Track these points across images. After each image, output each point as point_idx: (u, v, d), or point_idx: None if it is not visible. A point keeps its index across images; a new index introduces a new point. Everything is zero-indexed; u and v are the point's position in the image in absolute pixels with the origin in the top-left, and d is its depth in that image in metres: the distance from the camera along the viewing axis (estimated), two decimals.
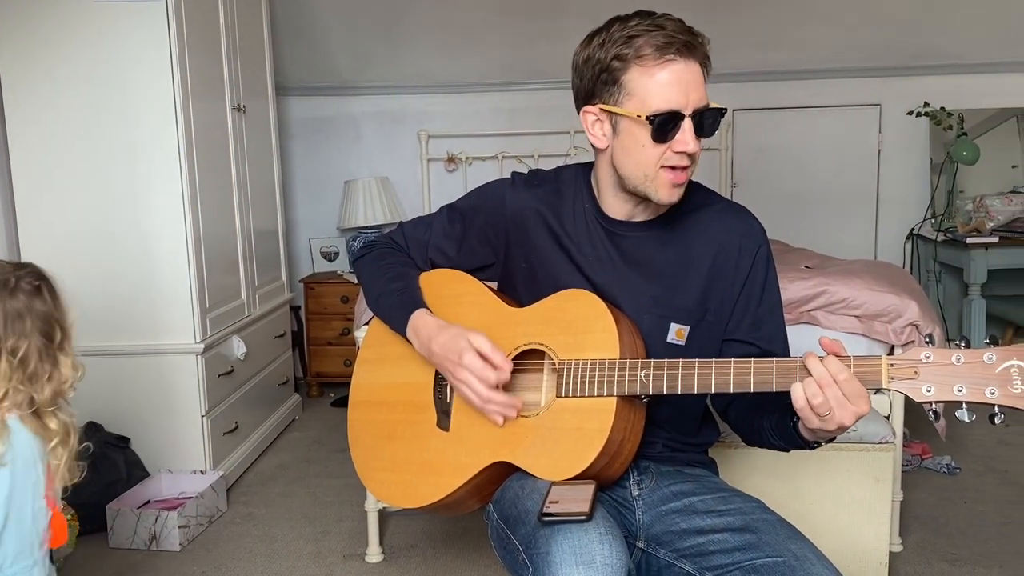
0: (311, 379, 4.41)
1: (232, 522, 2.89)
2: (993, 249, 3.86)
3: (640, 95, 1.33)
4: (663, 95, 1.32)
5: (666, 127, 1.32)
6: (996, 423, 1.13)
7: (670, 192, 1.38)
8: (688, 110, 1.32)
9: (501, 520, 1.38)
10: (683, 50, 1.31)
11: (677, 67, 1.32)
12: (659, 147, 1.34)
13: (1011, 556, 2.50)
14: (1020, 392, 1.12)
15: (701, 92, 1.34)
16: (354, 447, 1.61)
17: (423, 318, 1.49)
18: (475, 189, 1.65)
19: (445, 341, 1.43)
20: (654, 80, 1.32)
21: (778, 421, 1.37)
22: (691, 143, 1.33)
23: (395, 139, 4.60)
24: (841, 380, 1.18)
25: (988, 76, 4.39)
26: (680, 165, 1.36)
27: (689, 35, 1.32)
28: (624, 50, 1.32)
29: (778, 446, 1.42)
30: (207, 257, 3.05)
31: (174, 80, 2.86)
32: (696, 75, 1.33)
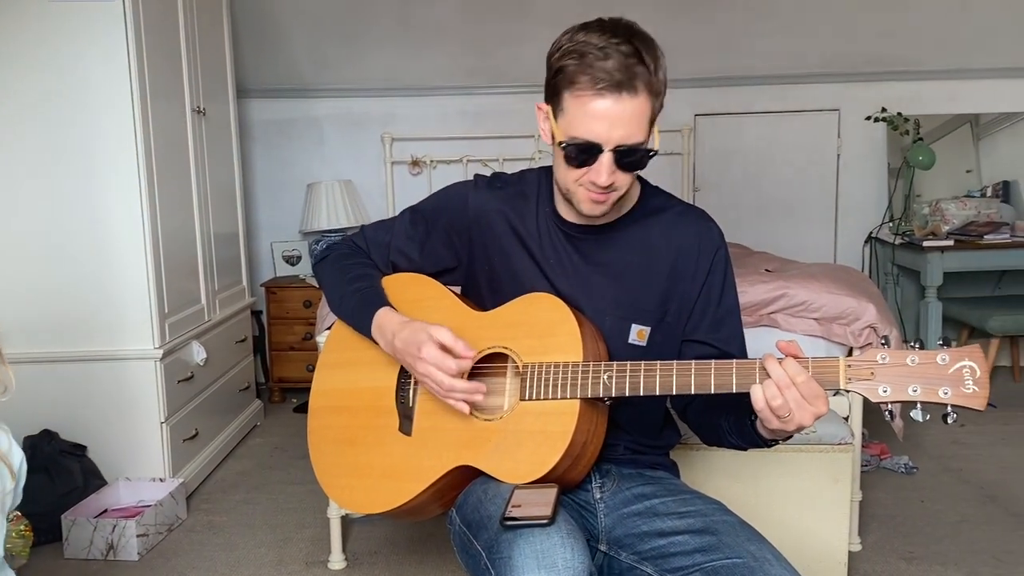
0: (273, 384, 4.36)
1: (192, 530, 2.84)
2: (949, 252, 3.94)
3: (568, 117, 1.34)
4: (584, 126, 1.32)
5: (582, 155, 1.34)
6: (949, 422, 1.15)
7: (591, 207, 1.40)
8: (609, 145, 1.32)
9: (464, 525, 1.37)
10: (615, 88, 1.28)
11: (605, 103, 1.29)
12: (575, 170, 1.36)
13: (966, 553, 2.55)
14: (972, 392, 1.15)
15: (631, 130, 1.31)
16: (314, 453, 1.59)
17: (387, 315, 1.48)
18: (438, 192, 1.64)
19: (407, 336, 1.42)
20: (582, 109, 1.31)
21: (736, 420, 1.39)
22: (603, 176, 1.33)
23: (358, 142, 4.58)
24: (800, 382, 1.20)
25: (943, 83, 4.49)
26: (595, 192, 1.37)
27: (629, 72, 1.28)
28: (568, 65, 1.31)
29: (736, 445, 1.44)
30: (166, 261, 3.00)
31: (131, 81, 2.81)
32: (628, 112, 1.30)
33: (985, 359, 1.17)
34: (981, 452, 3.38)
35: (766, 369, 1.22)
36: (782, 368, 1.21)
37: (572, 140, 1.33)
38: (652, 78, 1.31)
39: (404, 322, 1.45)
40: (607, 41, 1.29)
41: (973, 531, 2.70)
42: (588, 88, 1.29)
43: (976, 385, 1.15)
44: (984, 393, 1.15)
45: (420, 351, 1.38)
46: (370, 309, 1.50)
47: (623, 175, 1.36)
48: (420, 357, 1.38)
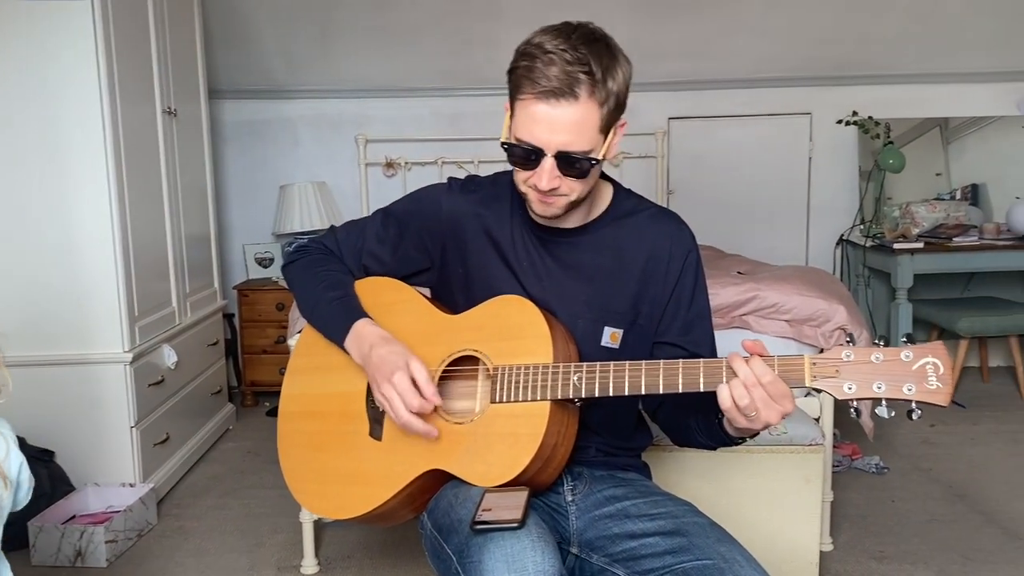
0: (246, 388, 4.32)
1: (163, 536, 2.81)
2: (919, 255, 3.99)
3: (515, 120, 1.36)
4: (525, 129, 1.33)
5: (523, 158, 1.36)
6: (914, 418, 1.16)
7: (540, 208, 1.41)
8: (550, 150, 1.33)
9: (434, 529, 1.37)
10: (553, 95, 1.29)
11: (544, 108, 1.31)
12: (521, 172, 1.38)
13: (936, 552, 2.58)
14: (935, 388, 1.16)
15: (570, 136, 1.32)
16: (284, 459, 1.58)
17: (367, 327, 1.47)
18: (411, 194, 1.63)
19: (385, 354, 1.41)
20: (524, 112, 1.33)
21: (704, 420, 1.40)
22: (543, 181, 1.34)
23: (332, 143, 4.56)
24: (766, 382, 1.21)
25: (913, 87, 4.55)
26: (540, 195, 1.38)
27: (567, 80, 1.28)
28: (518, 68, 1.33)
29: (705, 444, 1.45)
30: (136, 264, 2.97)
31: (101, 82, 2.78)
32: (570, 118, 1.30)
33: (948, 355, 1.18)
34: (950, 452, 3.42)
35: (732, 368, 1.23)
36: (748, 367, 1.21)
37: (516, 143, 1.35)
38: (598, 86, 1.30)
39: (386, 337, 1.44)
40: (556, 47, 1.30)
41: (942, 530, 2.73)
42: (529, 92, 1.31)
43: (939, 381, 1.16)
44: (947, 389, 1.16)
45: (392, 376, 1.37)
46: (348, 319, 1.49)
47: (569, 181, 1.37)
48: (390, 381, 1.38)
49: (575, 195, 1.39)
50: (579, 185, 1.38)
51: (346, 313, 1.50)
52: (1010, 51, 4.44)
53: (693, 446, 1.48)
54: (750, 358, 1.22)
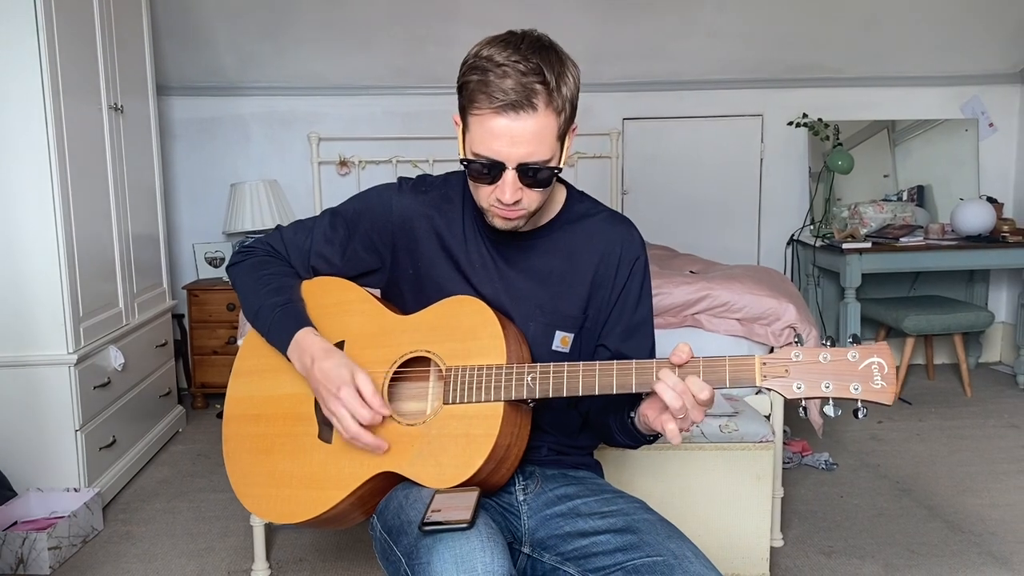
0: (196, 390, 4.25)
1: (109, 542, 2.75)
2: (867, 254, 4.06)
3: (473, 135, 1.34)
4: (484, 143, 1.32)
5: (486, 173, 1.34)
6: (859, 417, 1.19)
7: (503, 223, 1.41)
8: (511, 163, 1.32)
9: (384, 531, 1.35)
10: (511, 107, 1.29)
11: (503, 122, 1.30)
12: (482, 187, 1.37)
13: (882, 546, 2.63)
14: (880, 387, 1.18)
15: (533, 147, 1.31)
16: (230, 463, 1.54)
17: (308, 338, 1.45)
18: (359, 194, 1.61)
19: (328, 368, 1.39)
20: (482, 126, 1.32)
21: (620, 419, 1.42)
22: (507, 193, 1.34)
23: (284, 141, 4.50)
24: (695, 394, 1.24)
25: (862, 89, 4.64)
26: (503, 209, 1.37)
27: (527, 91, 1.28)
28: (470, 82, 1.32)
29: (625, 443, 1.47)
30: (80, 263, 2.90)
31: (43, 77, 2.71)
32: (529, 129, 1.30)
33: (892, 356, 1.20)
34: (897, 448, 3.49)
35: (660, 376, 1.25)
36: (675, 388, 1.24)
37: (475, 158, 1.34)
38: (554, 95, 1.30)
39: (327, 350, 1.42)
40: (507, 59, 1.29)
41: (889, 524, 2.78)
42: (486, 107, 1.30)
43: (884, 381, 1.18)
44: (892, 389, 1.19)
45: (339, 391, 1.35)
46: (289, 329, 1.46)
47: (531, 192, 1.37)
48: (337, 396, 1.36)
49: (535, 205, 1.39)
50: (539, 195, 1.38)
51: (287, 322, 1.47)
52: (955, 56, 4.55)
53: (617, 445, 1.50)
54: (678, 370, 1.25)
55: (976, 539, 2.67)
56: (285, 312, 1.49)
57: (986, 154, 4.68)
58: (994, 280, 4.79)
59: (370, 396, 1.35)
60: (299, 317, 1.48)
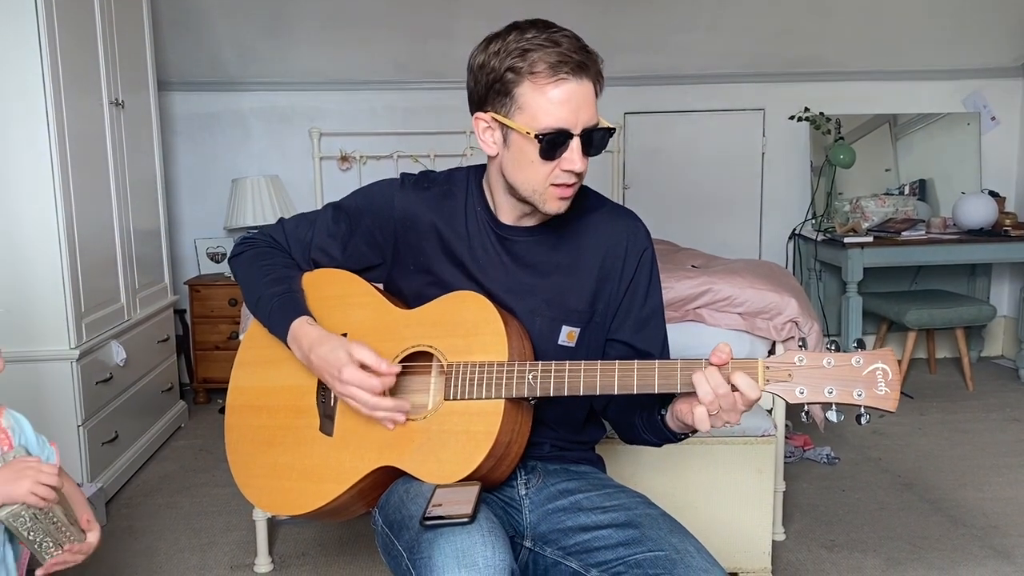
0: (198, 385, 4.25)
1: (111, 536, 2.75)
2: (868, 248, 4.06)
3: (531, 111, 1.32)
4: (553, 113, 1.31)
5: (554, 145, 1.32)
6: (862, 423, 1.18)
7: (558, 205, 1.39)
8: (577, 129, 1.32)
9: (386, 525, 1.35)
10: (576, 69, 1.30)
11: (569, 86, 1.31)
12: (547, 164, 1.34)
13: (884, 540, 2.63)
14: (884, 393, 1.18)
15: (591, 111, 1.34)
16: (232, 454, 1.55)
17: (304, 327, 1.44)
18: (362, 188, 1.61)
19: (324, 354, 1.38)
20: (545, 98, 1.31)
21: (648, 417, 1.41)
22: (578, 163, 1.34)
23: (285, 136, 4.49)
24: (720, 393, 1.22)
25: (864, 83, 4.63)
26: (567, 183, 1.36)
27: (583, 54, 1.31)
28: (518, 63, 1.31)
29: (650, 441, 1.46)
30: (82, 259, 2.90)
31: (44, 72, 2.70)
32: (587, 94, 1.33)
33: (896, 362, 1.19)
34: (899, 442, 3.49)
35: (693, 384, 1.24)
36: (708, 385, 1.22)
37: (544, 132, 1.31)
38: (597, 60, 1.35)
39: (322, 337, 1.41)
40: (547, 33, 1.31)
41: (891, 518, 2.78)
42: (549, 76, 1.30)
43: (888, 387, 1.18)
44: (895, 395, 1.18)
45: (341, 373, 1.35)
46: (286, 318, 1.46)
47: (585, 162, 1.36)
48: (341, 379, 1.35)
49: (583, 178, 1.39)
50: (587, 165, 1.37)
51: (285, 311, 1.47)
52: (957, 49, 4.54)
53: (639, 443, 1.50)
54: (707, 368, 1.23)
55: (978, 533, 2.67)
56: (283, 301, 1.49)
57: (988, 148, 4.66)
58: (996, 274, 4.79)
59: (373, 363, 1.34)
60: (296, 306, 1.48)
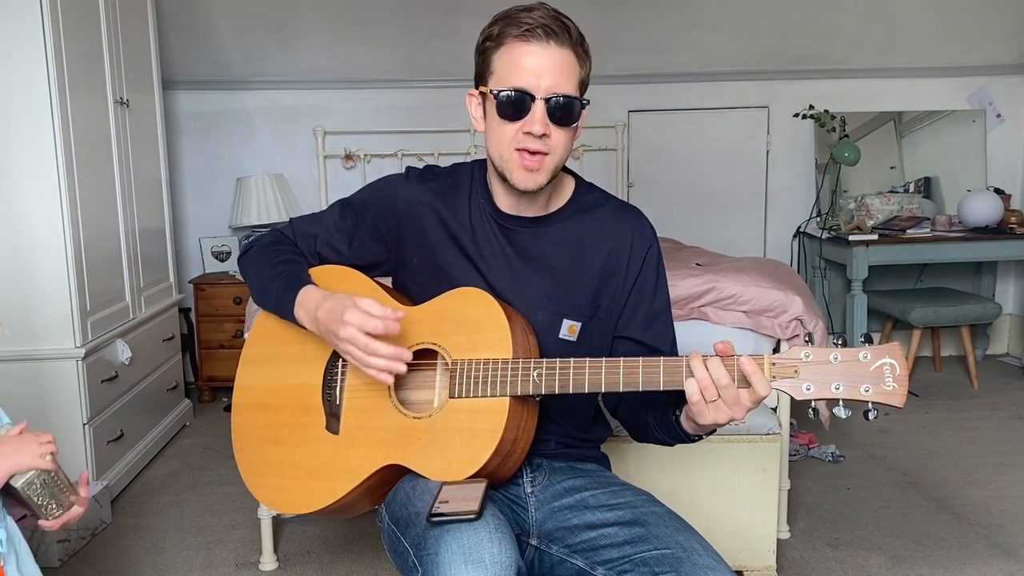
0: (203, 383, 4.26)
1: (117, 534, 2.76)
2: (873, 246, 4.05)
3: (500, 74, 1.37)
4: (515, 73, 1.35)
5: (514, 105, 1.35)
6: (870, 419, 1.17)
7: (524, 177, 1.38)
8: (540, 93, 1.34)
9: (392, 522, 1.36)
10: (542, 33, 1.33)
11: (534, 49, 1.34)
12: (510, 125, 1.36)
13: (889, 538, 2.63)
14: (891, 389, 1.17)
15: (561, 79, 1.34)
16: (239, 452, 1.55)
17: (310, 291, 1.44)
18: (369, 184, 1.62)
19: (331, 306, 1.36)
20: (510, 59, 1.35)
21: (662, 416, 1.40)
22: (537, 124, 1.34)
23: (290, 135, 4.50)
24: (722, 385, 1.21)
25: (868, 81, 4.62)
26: (531, 148, 1.36)
27: (556, 23, 1.34)
28: (495, 30, 1.36)
29: (663, 440, 1.45)
30: (88, 258, 2.90)
31: (49, 71, 2.70)
32: (557, 61, 1.34)
33: (904, 357, 1.18)
34: (904, 440, 3.48)
35: (691, 368, 1.23)
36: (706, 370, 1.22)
37: (502, 89, 1.35)
38: (579, 41, 1.36)
39: (327, 294, 1.41)
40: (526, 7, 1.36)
41: (896, 516, 2.78)
42: (517, 39, 1.34)
43: (896, 382, 1.16)
44: (903, 390, 1.17)
45: (344, 315, 1.32)
46: (293, 289, 1.46)
47: (558, 132, 1.36)
48: (343, 321, 1.31)
49: (558, 153, 1.39)
50: (563, 139, 1.38)
51: (291, 284, 1.47)
52: (962, 46, 4.53)
53: (651, 442, 1.49)
54: (709, 358, 1.22)
55: (983, 531, 2.66)
56: (286, 277, 1.49)
57: (993, 145, 4.65)
58: (1001, 272, 4.78)
59: (378, 310, 1.31)
60: (301, 277, 1.48)
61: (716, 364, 1.22)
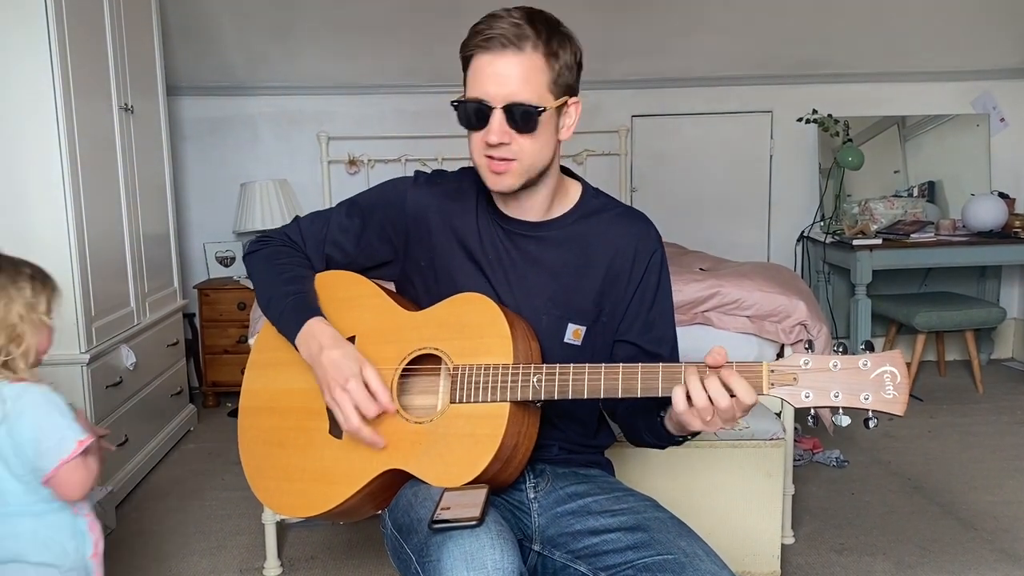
0: (207, 389, 4.27)
1: (122, 540, 2.76)
2: (877, 251, 4.04)
3: (468, 84, 1.39)
4: (476, 84, 1.37)
5: (474, 115, 1.37)
6: (870, 427, 1.16)
7: (493, 179, 1.41)
8: (498, 102, 1.35)
9: (395, 529, 1.36)
10: (496, 43, 1.33)
11: (490, 58, 1.35)
12: (476, 135, 1.39)
13: (894, 543, 2.62)
14: (892, 397, 1.15)
15: (516, 87, 1.34)
16: (244, 455, 1.56)
17: (320, 325, 1.45)
18: (377, 185, 1.62)
19: (337, 358, 1.39)
20: (473, 70, 1.38)
21: (649, 418, 1.41)
22: (494, 135, 1.35)
23: (294, 141, 4.51)
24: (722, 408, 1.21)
25: (871, 85, 4.62)
26: (495, 156, 1.38)
27: (512, 31, 1.33)
28: (465, 43, 1.38)
29: (653, 443, 1.46)
30: (92, 263, 2.91)
31: (54, 77, 2.71)
32: (514, 68, 1.34)
33: (905, 364, 1.17)
34: (909, 445, 3.47)
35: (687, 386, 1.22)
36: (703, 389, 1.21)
37: (463, 100, 1.37)
38: (544, 42, 1.35)
39: (337, 340, 1.42)
40: (505, 11, 1.36)
41: (901, 522, 2.77)
42: (477, 50, 1.35)
43: (896, 390, 1.16)
44: (903, 398, 1.16)
45: (347, 383, 1.36)
46: (301, 316, 1.47)
47: (521, 139, 1.37)
48: (345, 388, 1.36)
49: (526, 158, 1.39)
50: (529, 144, 1.37)
51: (300, 310, 1.48)
52: (966, 51, 4.53)
53: (644, 445, 1.50)
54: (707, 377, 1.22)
55: (988, 536, 2.65)
56: (297, 300, 1.49)
57: (997, 149, 4.65)
58: (1006, 276, 4.77)
59: (378, 390, 1.36)
60: (311, 306, 1.49)
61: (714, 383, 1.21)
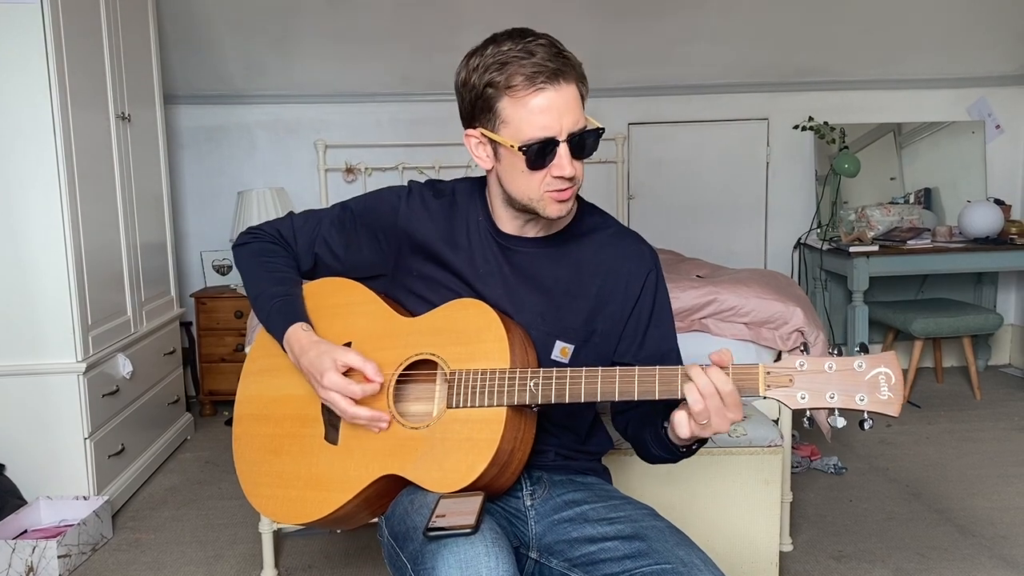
0: (204, 397, 4.26)
1: (118, 549, 2.75)
2: (874, 258, 4.05)
3: (515, 124, 1.33)
4: (536, 123, 1.32)
5: (542, 155, 1.33)
6: (865, 428, 1.17)
7: (558, 208, 1.40)
8: (562, 135, 1.33)
9: (391, 536, 1.35)
10: (552, 77, 1.30)
11: (547, 95, 1.31)
12: (537, 173, 1.35)
13: (893, 550, 2.61)
14: (887, 398, 1.16)
15: (576, 115, 1.33)
16: (239, 462, 1.56)
17: (297, 333, 1.47)
18: (371, 192, 1.62)
19: (312, 359, 1.42)
20: (526, 109, 1.32)
21: (654, 430, 1.40)
22: (567, 168, 1.34)
23: (291, 149, 4.52)
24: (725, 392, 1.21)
25: (868, 92, 4.63)
26: (560, 188, 1.37)
27: (559, 60, 1.31)
28: (496, 77, 1.32)
29: (662, 457, 1.45)
30: (89, 272, 2.91)
31: (51, 86, 2.72)
32: (569, 99, 1.32)
33: (899, 366, 1.18)
34: (907, 451, 3.47)
35: (689, 375, 1.23)
36: (706, 376, 1.21)
37: (528, 143, 1.32)
38: (575, 62, 1.35)
39: (312, 343, 1.44)
40: (522, 43, 1.32)
41: (899, 528, 2.77)
42: (526, 87, 1.31)
43: (891, 391, 1.16)
44: (898, 399, 1.16)
45: (322, 378, 1.38)
46: (284, 322, 1.49)
47: (578, 165, 1.37)
48: (322, 385, 1.38)
49: (580, 179, 1.40)
50: (581, 166, 1.38)
51: (284, 315, 1.50)
52: (962, 58, 4.54)
53: (657, 461, 1.48)
54: (708, 367, 1.22)
55: (987, 542, 2.65)
56: (283, 304, 1.52)
57: (993, 156, 4.66)
58: (1002, 282, 4.77)
59: (360, 364, 1.38)
60: (293, 312, 1.51)
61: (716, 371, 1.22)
